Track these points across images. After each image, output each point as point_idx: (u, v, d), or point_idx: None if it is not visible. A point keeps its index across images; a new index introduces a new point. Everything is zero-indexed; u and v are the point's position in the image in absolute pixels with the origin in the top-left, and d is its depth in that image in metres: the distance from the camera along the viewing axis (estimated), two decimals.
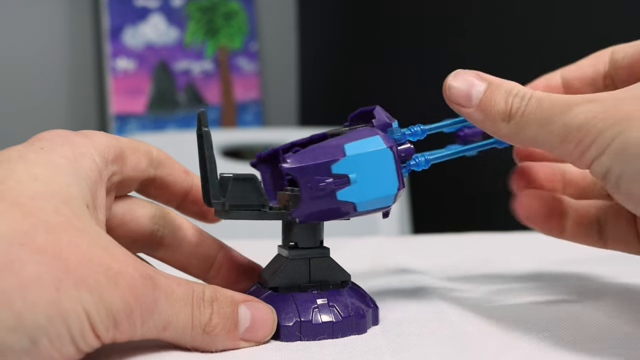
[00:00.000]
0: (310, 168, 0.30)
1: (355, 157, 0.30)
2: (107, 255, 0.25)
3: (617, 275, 0.42)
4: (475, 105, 0.31)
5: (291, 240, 0.32)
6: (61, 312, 0.23)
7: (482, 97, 0.30)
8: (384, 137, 0.31)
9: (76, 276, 0.24)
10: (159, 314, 0.26)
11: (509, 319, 0.33)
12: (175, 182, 0.34)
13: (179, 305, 0.27)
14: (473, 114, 0.31)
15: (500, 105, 0.30)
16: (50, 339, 0.23)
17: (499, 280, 0.42)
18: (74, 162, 0.27)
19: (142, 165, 0.32)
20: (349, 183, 0.30)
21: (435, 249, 0.55)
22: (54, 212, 0.25)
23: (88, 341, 0.24)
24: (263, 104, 1.64)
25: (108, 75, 1.46)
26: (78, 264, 0.24)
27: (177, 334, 0.27)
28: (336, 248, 0.34)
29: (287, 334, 0.30)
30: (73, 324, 0.23)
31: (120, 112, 1.47)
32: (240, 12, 1.60)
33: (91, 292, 0.24)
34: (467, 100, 0.31)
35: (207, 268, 0.34)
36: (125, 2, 1.48)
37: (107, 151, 0.30)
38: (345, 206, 0.30)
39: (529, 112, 0.29)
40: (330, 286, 0.32)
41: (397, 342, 0.30)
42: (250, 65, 1.60)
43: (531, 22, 1.00)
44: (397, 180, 0.31)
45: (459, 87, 0.31)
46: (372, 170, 0.30)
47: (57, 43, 1.47)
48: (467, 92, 0.31)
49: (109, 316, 0.24)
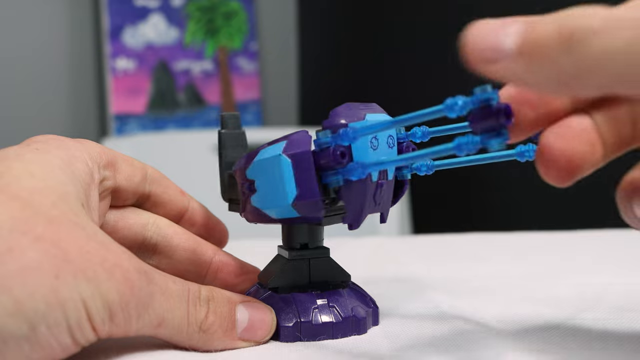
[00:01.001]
0: (238, 171, 0.30)
1: (257, 162, 0.29)
2: (104, 249, 0.25)
3: (618, 275, 0.42)
4: (511, 51, 0.22)
5: (290, 240, 0.32)
6: (59, 299, 0.23)
7: (521, 38, 0.22)
8: (291, 141, 0.28)
9: (74, 266, 0.24)
10: (154, 309, 0.26)
11: (509, 319, 0.33)
12: (171, 201, 0.35)
13: (174, 301, 0.27)
14: (511, 65, 0.22)
15: (552, 32, 0.21)
16: (49, 326, 0.23)
17: (498, 281, 0.42)
18: (69, 164, 0.28)
19: (136, 178, 0.33)
20: (255, 189, 0.29)
21: (435, 249, 0.55)
22: (51, 205, 0.25)
23: (85, 332, 0.24)
24: (263, 104, 1.64)
25: (108, 75, 1.46)
26: (76, 254, 0.24)
27: (173, 331, 0.27)
28: (336, 248, 0.34)
29: (287, 334, 0.30)
30: (71, 312, 0.23)
31: (120, 112, 1.46)
32: (240, 12, 1.60)
33: (88, 282, 0.24)
34: (496, 49, 0.22)
35: (203, 273, 0.34)
36: (125, 2, 1.48)
37: (100, 157, 0.30)
38: (259, 212, 0.30)
39: (606, 20, 0.20)
40: (331, 286, 0.32)
41: (397, 342, 0.30)
42: (250, 65, 1.60)
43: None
44: (292, 189, 0.28)
45: (481, 36, 0.23)
46: (269, 178, 0.29)
47: (57, 43, 1.47)
48: (494, 39, 0.22)
49: (105, 307, 0.24)
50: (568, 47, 0.21)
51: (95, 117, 1.50)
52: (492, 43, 0.22)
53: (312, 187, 0.28)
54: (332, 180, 0.28)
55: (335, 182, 0.27)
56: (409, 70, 1.29)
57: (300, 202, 0.28)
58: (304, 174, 0.28)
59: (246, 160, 0.30)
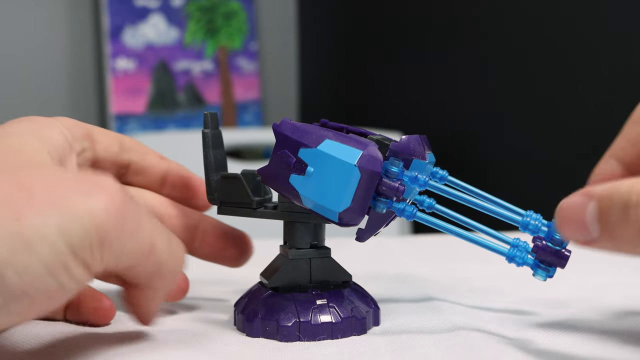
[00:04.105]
0: (287, 139, 0.29)
1: (323, 154, 0.29)
2: (79, 178, 0.24)
3: (618, 275, 0.42)
4: (598, 237, 0.24)
5: (290, 239, 0.32)
6: (24, 241, 0.21)
7: (599, 223, 0.24)
8: (369, 157, 0.28)
9: (41, 201, 0.22)
10: (144, 230, 0.25)
11: (509, 319, 0.33)
12: (151, 166, 0.34)
13: (161, 229, 0.26)
14: (600, 243, 0.24)
15: (626, 225, 0.23)
16: (17, 272, 0.21)
17: (499, 281, 0.42)
18: (38, 130, 0.28)
19: (114, 147, 0.32)
20: (304, 173, 0.29)
21: (435, 249, 0.54)
22: (14, 153, 0.25)
23: (73, 269, 0.22)
24: (263, 104, 1.64)
25: (108, 75, 1.46)
26: (44, 188, 0.23)
27: (163, 258, 0.26)
28: (337, 248, 0.34)
29: (287, 334, 0.30)
30: (43, 251, 0.21)
31: (120, 112, 1.46)
32: (240, 12, 1.60)
33: (61, 213, 0.22)
34: (585, 234, 0.25)
35: (191, 238, 0.34)
36: (125, 2, 1.48)
37: (75, 128, 0.30)
38: (291, 190, 0.29)
39: None
40: (332, 286, 0.32)
41: (397, 342, 0.30)
42: (250, 65, 1.60)
43: (532, 21, 1.00)
44: (347, 200, 0.28)
45: (569, 218, 0.25)
46: (330, 176, 0.28)
47: (57, 43, 1.46)
48: (581, 224, 0.24)
49: (89, 231, 0.22)
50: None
51: (95, 117, 1.50)
52: (581, 227, 0.24)
53: (364, 207, 0.29)
54: (379, 206, 0.29)
55: (380, 208, 0.29)
56: (409, 70, 1.29)
57: (346, 214, 0.28)
58: (364, 192, 0.28)
59: (302, 135, 0.29)
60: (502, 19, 1.05)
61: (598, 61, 0.89)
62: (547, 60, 0.97)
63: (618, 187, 0.24)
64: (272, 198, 0.34)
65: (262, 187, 0.34)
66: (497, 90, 1.07)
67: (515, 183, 1.02)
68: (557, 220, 0.26)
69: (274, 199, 0.34)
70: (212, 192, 0.33)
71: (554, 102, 0.97)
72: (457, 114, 1.15)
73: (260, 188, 0.34)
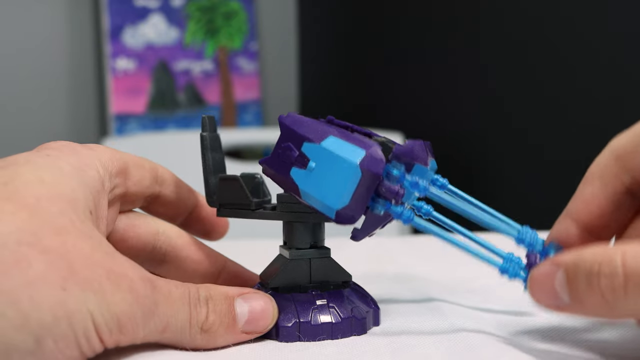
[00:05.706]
0: (292, 132, 0.30)
1: (325, 150, 0.29)
2: (109, 259, 0.25)
3: None
4: (569, 303, 0.26)
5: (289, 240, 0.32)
6: (67, 312, 0.23)
7: (568, 290, 0.25)
8: (372, 158, 0.28)
9: (81, 277, 0.24)
10: (159, 316, 0.26)
11: (509, 319, 0.33)
12: (180, 200, 0.35)
13: (177, 305, 0.27)
14: (572, 308, 0.26)
15: (591, 292, 0.24)
16: (55, 340, 0.23)
17: (498, 281, 0.42)
18: (79, 171, 0.28)
19: (146, 181, 0.33)
20: (305, 167, 0.29)
21: (435, 249, 0.54)
22: (59, 214, 0.25)
23: (92, 344, 0.24)
24: (263, 104, 1.64)
25: (108, 75, 1.46)
26: (82, 265, 0.24)
27: (177, 335, 0.27)
28: (337, 248, 0.34)
29: (286, 334, 0.30)
30: (78, 324, 0.23)
31: (120, 112, 1.46)
32: (240, 12, 1.60)
33: (95, 293, 0.24)
34: (556, 302, 0.26)
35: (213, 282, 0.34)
36: (125, 2, 1.48)
37: (111, 164, 0.30)
38: (291, 184, 0.29)
39: (630, 290, 0.23)
40: (332, 286, 0.32)
41: (397, 343, 0.30)
42: (250, 65, 1.60)
43: (532, 21, 1.00)
44: (346, 198, 0.28)
45: (539, 288, 0.27)
46: (331, 173, 0.28)
47: (57, 43, 1.47)
48: (551, 293, 0.26)
49: (113, 318, 0.24)
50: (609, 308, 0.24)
51: (95, 117, 1.50)
52: (552, 294, 0.26)
53: (362, 207, 0.29)
54: (377, 207, 0.29)
55: (378, 210, 0.29)
56: (409, 70, 1.29)
57: (344, 212, 0.28)
58: (363, 192, 0.28)
59: (307, 130, 0.29)
60: (505, 20, 1.05)
61: (599, 61, 0.89)
62: (548, 60, 0.97)
63: (582, 256, 0.25)
64: (271, 200, 0.34)
65: (261, 188, 0.34)
66: (497, 90, 1.07)
67: (515, 183, 1.02)
68: (529, 289, 0.27)
69: (272, 200, 0.34)
70: (211, 195, 0.33)
71: (555, 102, 0.97)
72: (457, 114, 1.15)
73: (259, 190, 0.34)
